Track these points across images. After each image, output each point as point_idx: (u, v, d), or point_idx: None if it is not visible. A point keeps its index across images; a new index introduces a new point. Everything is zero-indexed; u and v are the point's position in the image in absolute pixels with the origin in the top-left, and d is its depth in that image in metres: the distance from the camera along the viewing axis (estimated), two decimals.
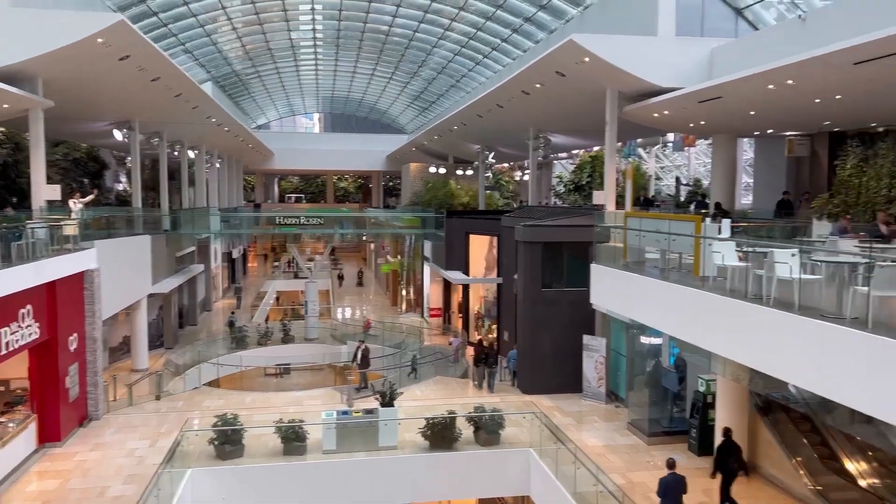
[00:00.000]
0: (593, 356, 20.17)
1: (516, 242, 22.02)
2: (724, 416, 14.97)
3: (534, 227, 21.57)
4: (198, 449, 15.15)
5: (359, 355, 22.07)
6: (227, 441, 15.19)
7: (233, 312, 35.79)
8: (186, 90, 25.52)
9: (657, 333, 17.48)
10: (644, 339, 18.55)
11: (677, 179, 38.44)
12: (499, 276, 26.92)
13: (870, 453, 14.06)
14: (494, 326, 28.18)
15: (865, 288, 7.73)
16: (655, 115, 20.29)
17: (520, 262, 21.76)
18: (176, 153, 36.09)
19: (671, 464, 11.97)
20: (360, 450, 15.66)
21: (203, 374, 24.86)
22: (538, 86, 22.65)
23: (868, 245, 10.81)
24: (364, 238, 55.50)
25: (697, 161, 40.42)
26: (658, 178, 42.84)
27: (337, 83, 56.60)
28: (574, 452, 13.72)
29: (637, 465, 15.11)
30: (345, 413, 16.65)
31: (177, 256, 31.29)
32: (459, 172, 45.64)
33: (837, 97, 15.07)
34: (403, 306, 40.96)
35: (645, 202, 26.55)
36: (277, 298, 46.77)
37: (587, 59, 18.45)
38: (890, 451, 13.69)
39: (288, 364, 30.08)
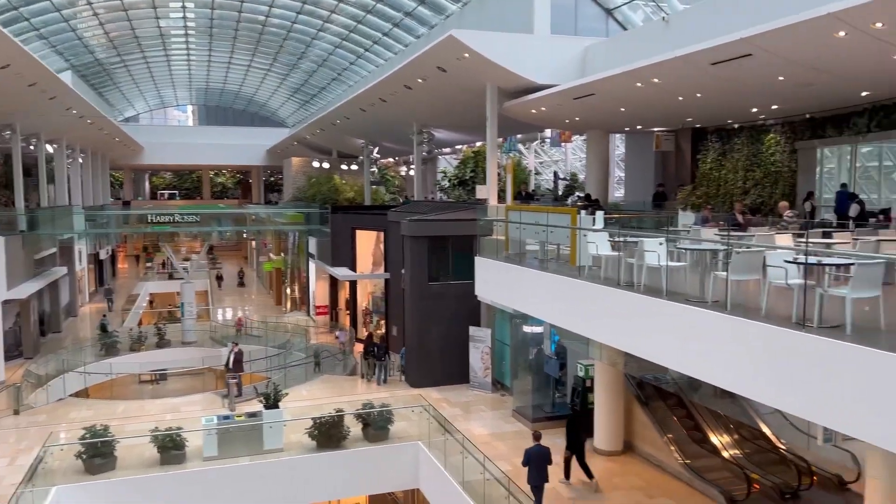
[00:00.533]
0: (479, 347, 20.55)
1: (403, 237, 22.03)
2: (603, 399, 15.70)
3: (419, 221, 21.66)
4: (64, 464, 14.07)
5: (230, 359, 20.77)
6: (97, 454, 14.20)
7: (104, 316, 33.52)
8: (41, 79, 23.52)
9: (539, 322, 18.04)
10: (527, 329, 19.11)
11: (555, 174, 39.90)
12: (386, 271, 26.83)
13: (731, 426, 15.23)
14: (383, 322, 28.09)
15: (724, 273, 8.30)
16: (533, 111, 20.88)
17: (406, 256, 21.78)
18: (32, 147, 33.22)
19: (537, 436, 13.06)
20: (244, 454, 15.12)
21: (68, 384, 23.07)
22: (420, 80, 22.71)
23: (726, 233, 11.67)
24: (244, 236, 53.58)
25: (574, 156, 42.05)
26: (537, 173, 44.19)
27: (211, 74, 54.17)
28: (461, 442, 13.91)
29: (522, 451, 15.50)
30: (226, 418, 16.00)
31: (35, 259, 28.83)
32: (344, 167, 45.04)
33: (698, 95, 16.10)
34: (288, 305, 39.96)
35: (526, 196, 27.32)
36: (151, 301, 44.29)
37: (467, 55, 18.68)
38: (749, 423, 14.91)
39: (164, 370, 28.53)
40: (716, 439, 14.94)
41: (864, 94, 14.87)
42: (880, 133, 16.12)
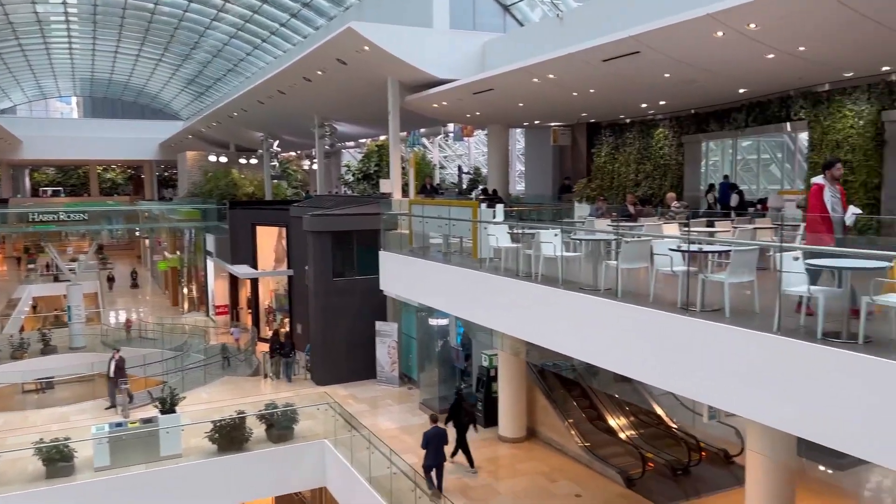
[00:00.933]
0: (386, 341, 20.50)
1: (305, 233, 21.62)
2: (506, 388, 16.03)
3: (322, 216, 21.32)
4: None
5: (112, 366, 19.60)
6: None
7: None
8: None
9: (445, 315, 18.20)
10: (433, 321, 19.22)
11: (459, 168, 40.27)
12: (289, 267, 26.25)
13: (628, 409, 15.93)
14: (287, 320, 27.50)
15: (614, 262, 8.64)
16: (435, 105, 20.98)
17: (310, 252, 21.40)
18: None
19: (433, 419, 13.60)
20: (140, 462, 14.43)
21: None
22: (320, 73, 22.33)
23: (617, 224, 12.16)
24: (137, 234, 51.02)
25: (477, 150, 42.61)
26: (442, 167, 44.48)
27: (97, 64, 51.09)
28: (368, 438, 13.84)
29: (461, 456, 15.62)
30: (119, 425, 15.21)
31: None
32: (243, 161, 43.65)
33: (591, 91, 16.65)
34: (186, 305, 38.41)
35: (431, 190, 27.43)
36: (34, 306, 41.43)
37: (367, 48, 18.53)
38: (644, 405, 15.64)
39: (50, 377, 26.76)
40: (613, 422, 15.58)
41: (741, 90, 15.84)
42: (757, 127, 17.24)
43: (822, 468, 11.67)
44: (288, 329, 26.26)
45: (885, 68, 12.97)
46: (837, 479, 12.55)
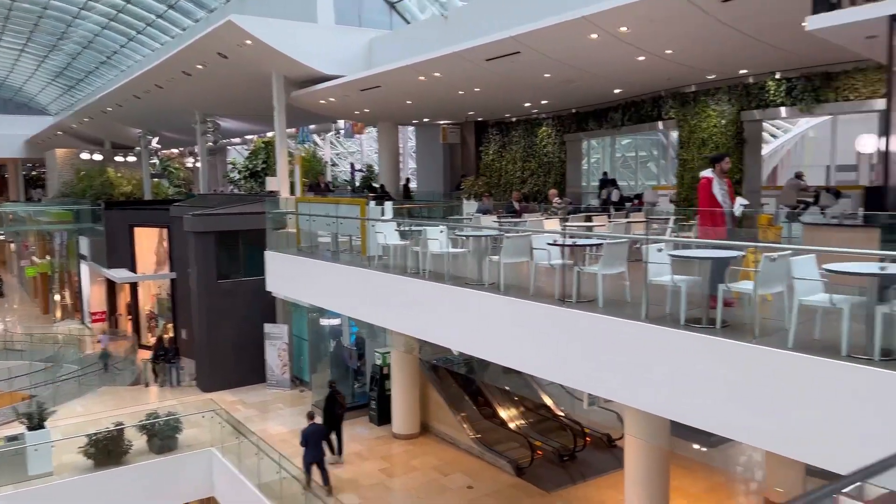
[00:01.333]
0: (276, 344, 20.00)
1: (187, 234, 20.71)
2: (399, 385, 16.05)
3: (205, 216, 20.48)
4: None
5: None
6: None
7: None
8: None
9: (336, 314, 17.97)
10: (324, 322, 18.94)
11: (352, 165, 39.92)
12: (172, 270, 25.05)
13: (517, 400, 16.36)
14: (171, 326, 26.23)
15: (497, 257, 8.83)
16: (322, 101, 20.67)
17: (192, 254, 20.53)
18: None
19: (311, 415, 13.56)
20: (6, 483, 13.34)
21: None
22: (200, 67, 21.43)
23: (502, 220, 12.45)
24: (2, 238, 47.11)
25: (370, 147, 42.37)
26: (334, 164, 43.90)
27: None
28: (257, 444, 13.45)
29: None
30: None
31: None
32: (119, 159, 41.25)
33: (477, 90, 16.96)
34: (58, 313, 35.86)
35: (325, 188, 27.00)
36: None
37: (249, 42, 17.97)
38: (532, 396, 16.10)
39: None
40: (504, 413, 15.96)
41: (617, 91, 16.62)
42: (632, 126, 18.16)
43: (695, 446, 12.49)
44: (172, 335, 25.08)
45: (742, 71, 13.99)
46: (709, 457, 13.47)
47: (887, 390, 4.70)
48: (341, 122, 32.76)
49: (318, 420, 13.74)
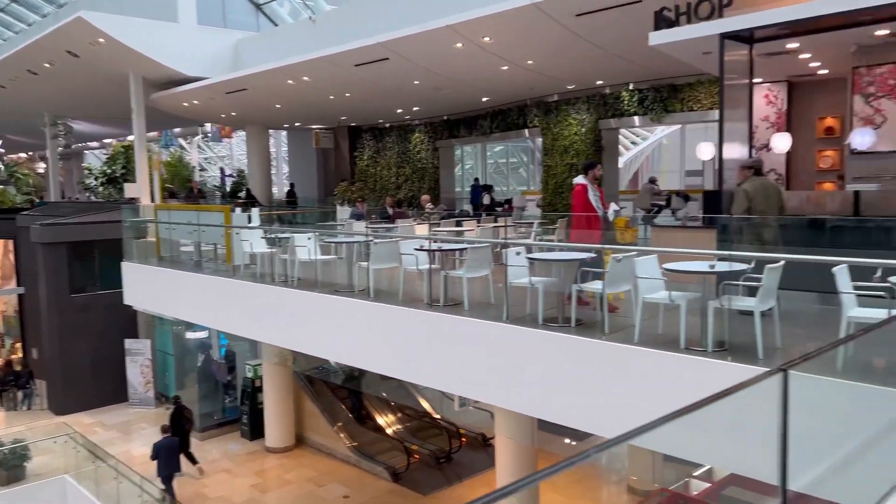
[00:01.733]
0: (138, 360, 18.83)
1: (35, 245, 19.08)
2: (272, 398, 15.59)
3: (55, 225, 18.97)
4: None
5: None
6: None
7: None
8: None
9: (205, 327, 17.20)
10: (191, 335, 18.09)
11: (222, 170, 38.41)
12: (19, 285, 22.97)
13: (394, 406, 16.36)
14: (19, 345, 24.04)
15: (366, 263, 8.78)
16: (185, 104, 19.77)
17: (40, 266, 18.94)
18: None
19: (165, 429, 13.69)
20: None
21: None
22: (48, 65, 19.85)
23: (375, 225, 12.42)
24: None
25: (241, 151, 40.96)
26: (203, 170, 42.10)
27: None
28: (115, 467, 12.61)
29: (188, 464, 14.70)
30: None
31: None
32: None
33: (347, 95, 16.84)
34: None
35: (198, 194, 25.77)
36: None
37: (102, 41, 16.86)
38: (409, 401, 16.16)
39: None
40: (381, 420, 15.91)
41: (484, 99, 17.07)
42: (501, 134, 18.70)
43: (567, 441, 13.00)
44: (22, 355, 23.01)
45: (599, 82, 14.78)
46: (577, 450, 14.07)
47: (719, 378, 5.10)
48: (208, 126, 31.46)
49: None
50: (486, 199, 18.88)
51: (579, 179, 8.04)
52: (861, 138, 8.45)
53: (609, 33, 10.76)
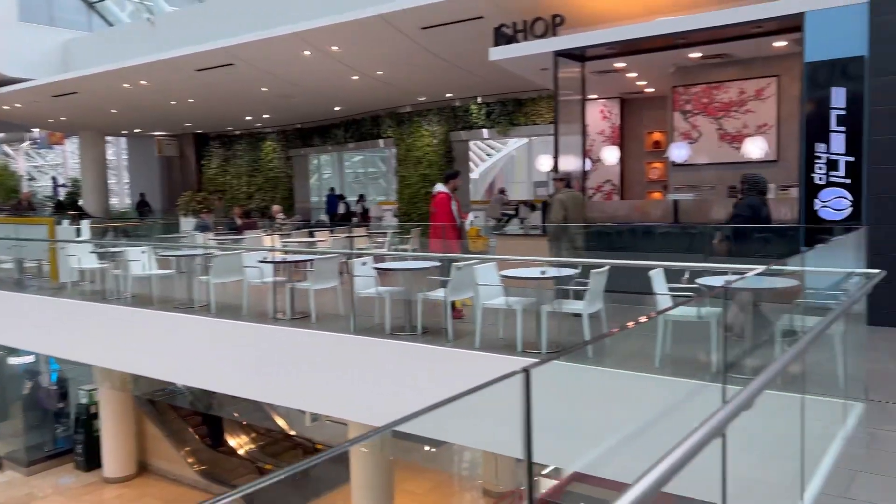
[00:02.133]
0: None
1: None
2: (110, 424, 14.44)
3: None
4: None
5: None
6: None
7: None
8: None
9: (30, 351, 15.65)
10: (14, 360, 16.39)
11: (54, 180, 35.33)
12: None
13: (247, 425, 15.72)
14: None
15: (207, 277, 8.38)
16: (6, 107, 17.98)
17: None
18: None
19: None
20: None
21: None
22: None
23: (220, 237, 11.90)
24: None
25: (75, 159, 37.89)
26: (32, 179, 38.52)
27: None
28: None
29: (17, 503, 13.31)
30: None
31: None
32: None
33: (191, 101, 16.06)
34: None
35: (28, 206, 23.36)
36: None
37: None
38: (262, 420, 15.60)
39: None
40: (233, 441, 15.21)
41: (337, 108, 16.92)
42: (356, 143, 18.62)
43: (427, 448, 13.09)
44: None
45: (448, 95, 15.12)
46: (432, 458, 14.21)
47: (549, 380, 5.32)
48: (36, 131, 28.82)
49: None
50: (340, 209, 18.73)
51: (440, 188, 8.06)
52: (678, 151, 9.23)
53: (454, 47, 11.04)
